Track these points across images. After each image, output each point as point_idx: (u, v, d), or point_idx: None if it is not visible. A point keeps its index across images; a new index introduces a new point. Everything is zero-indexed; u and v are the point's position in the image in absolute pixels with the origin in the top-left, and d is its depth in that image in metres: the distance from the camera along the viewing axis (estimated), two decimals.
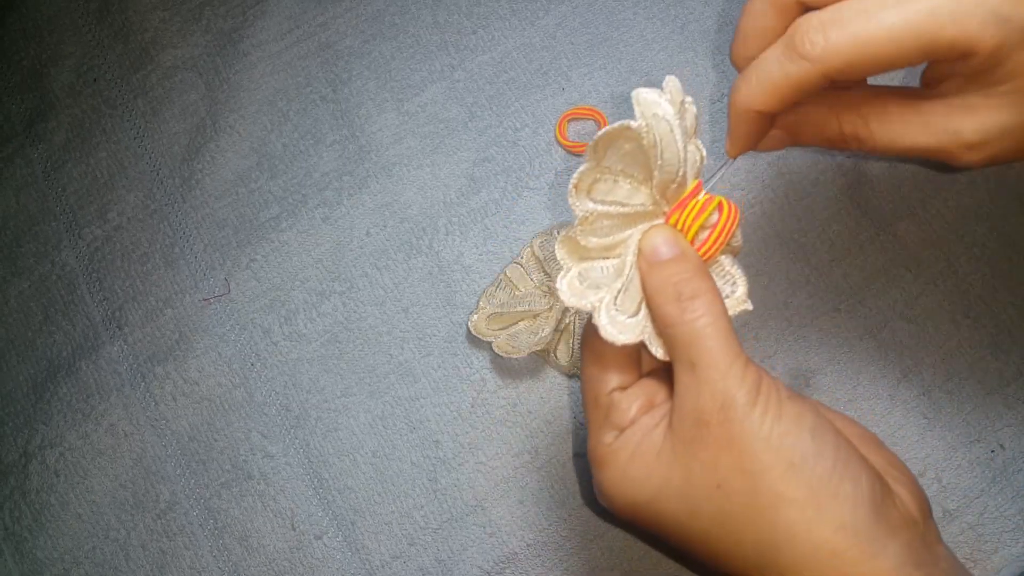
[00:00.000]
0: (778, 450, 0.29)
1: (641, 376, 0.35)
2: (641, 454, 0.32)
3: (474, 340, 0.46)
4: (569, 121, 0.50)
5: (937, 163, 0.41)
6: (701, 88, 0.49)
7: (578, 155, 0.49)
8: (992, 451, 0.43)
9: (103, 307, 0.50)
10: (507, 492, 0.45)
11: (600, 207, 0.30)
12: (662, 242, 0.31)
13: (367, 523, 0.45)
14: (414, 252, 0.49)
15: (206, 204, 0.50)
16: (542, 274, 0.45)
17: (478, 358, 0.47)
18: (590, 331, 0.34)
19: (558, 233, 0.46)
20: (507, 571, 0.43)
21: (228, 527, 0.45)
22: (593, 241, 0.31)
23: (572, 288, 0.31)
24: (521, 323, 0.44)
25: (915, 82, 0.34)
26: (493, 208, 0.49)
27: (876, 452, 0.33)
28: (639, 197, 0.31)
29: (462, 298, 0.47)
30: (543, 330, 0.43)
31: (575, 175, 0.29)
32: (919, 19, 0.27)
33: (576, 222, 0.30)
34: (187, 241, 0.50)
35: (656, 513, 0.32)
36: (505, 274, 0.46)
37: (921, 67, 0.32)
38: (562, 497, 0.44)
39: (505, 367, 0.46)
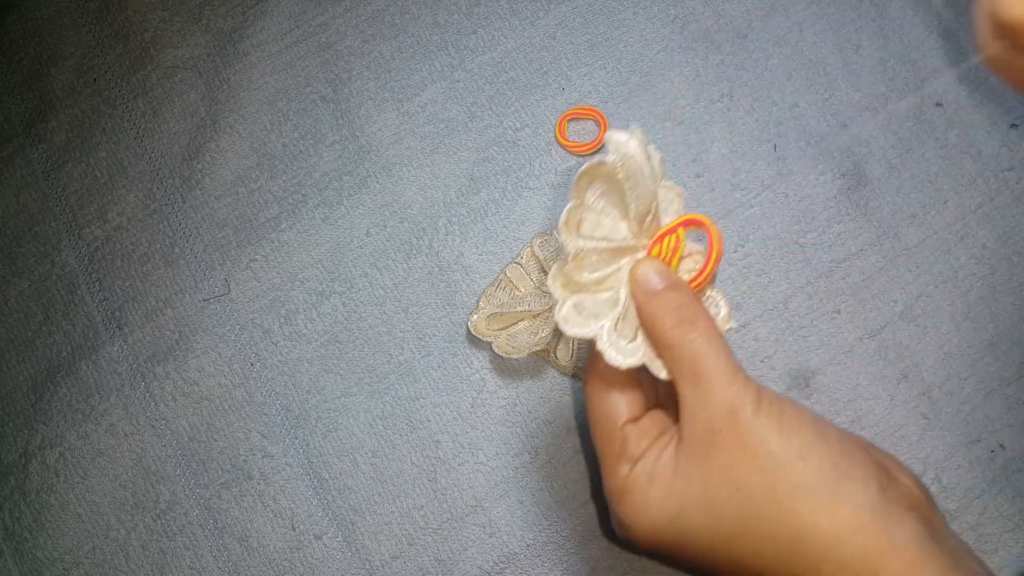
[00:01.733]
0: (787, 444, 0.31)
1: (649, 408, 0.36)
2: (658, 476, 0.33)
3: (474, 340, 0.46)
4: (569, 121, 0.50)
5: None
6: (701, 88, 0.49)
7: (578, 155, 0.49)
8: (992, 451, 0.43)
9: (103, 307, 0.50)
10: (507, 492, 0.45)
11: (589, 243, 0.33)
12: (654, 273, 0.33)
13: (367, 523, 0.45)
14: (414, 252, 0.48)
15: (206, 204, 0.50)
16: (542, 274, 0.45)
17: (478, 358, 0.47)
18: (594, 367, 0.35)
19: (558, 233, 0.46)
20: (507, 571, 0.43)
21: (228, 527, 0.45)
22: (585, 276, 0.33)
23: (571, 319, 0.33)
24: (521, 323, 0.44)
25: None
26: (493, 208, 0.49)
27: (870, 449, 0.35)
28: (622, 231, 0.33)
29: (462, 298, 0.47)
30: (543, 330, 0.43)
31: (564, 213, 0.32)
32: None
33: (569, 258, 0.32)
34: (187, 241, 0.50)
35: (679, 531, 0.33)
36: (505, 274, 0.46)
37: None
38: (562, 497, 0.44)
39: (505, 367, 0.46)
